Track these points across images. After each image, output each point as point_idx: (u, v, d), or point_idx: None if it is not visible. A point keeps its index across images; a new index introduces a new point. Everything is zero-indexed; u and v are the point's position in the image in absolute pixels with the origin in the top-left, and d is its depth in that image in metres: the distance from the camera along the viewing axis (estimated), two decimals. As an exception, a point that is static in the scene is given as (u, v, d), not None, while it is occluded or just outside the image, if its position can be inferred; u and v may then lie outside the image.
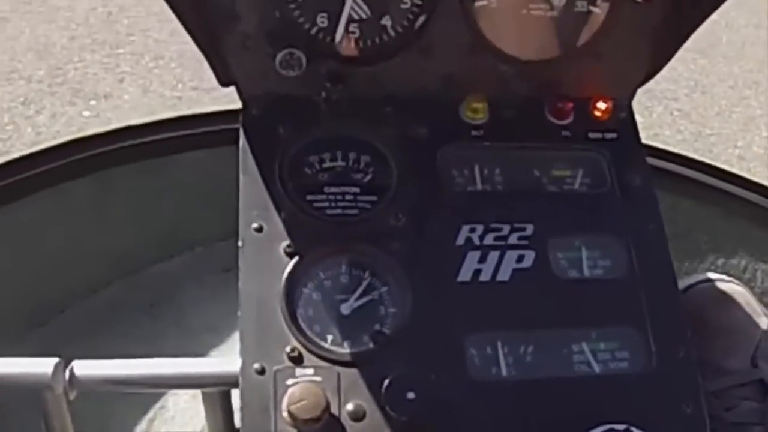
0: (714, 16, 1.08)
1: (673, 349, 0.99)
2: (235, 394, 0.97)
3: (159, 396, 1.41)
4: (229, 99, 1.17)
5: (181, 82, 4.24)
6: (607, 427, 0.93)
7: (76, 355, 0.97)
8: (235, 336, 0.96)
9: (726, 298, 1.25)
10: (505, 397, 0.95)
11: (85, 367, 0.94)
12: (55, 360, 0.93)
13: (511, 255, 1.01)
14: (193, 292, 1.63)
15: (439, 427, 0.92)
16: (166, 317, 1.60)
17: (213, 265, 1.62)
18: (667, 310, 1.02)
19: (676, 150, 1.68)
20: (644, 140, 1.18)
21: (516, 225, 1.03)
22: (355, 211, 1.03)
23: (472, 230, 1.02)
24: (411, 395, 0.89)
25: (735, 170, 1.67)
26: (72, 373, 0.93)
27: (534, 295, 1.00)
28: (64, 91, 4.13)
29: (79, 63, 4.33)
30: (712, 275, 1.29)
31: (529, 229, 1.04)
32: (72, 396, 0.93)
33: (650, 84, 1.17)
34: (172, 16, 0.98)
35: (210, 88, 4.12)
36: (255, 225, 0.99)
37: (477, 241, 1.02)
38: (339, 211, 1.03)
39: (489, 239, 1.02)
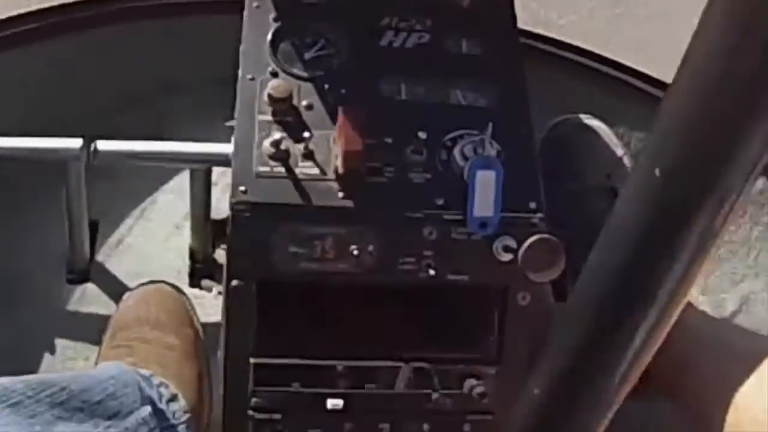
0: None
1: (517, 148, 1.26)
2: (216, 171, 1.39)
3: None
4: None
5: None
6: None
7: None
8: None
9: (587, 128, 1.56)
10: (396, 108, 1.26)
11: (105, 145, 1.34)
12: (81, 139, 1.32)
13: (414, 36, 1.33)
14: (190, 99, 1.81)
15: None
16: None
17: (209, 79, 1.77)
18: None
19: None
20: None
21: (416, 26, 1.34)
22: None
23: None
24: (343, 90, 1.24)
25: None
26: (95, 148, 1.33)
27: (430, 59, 1.31)
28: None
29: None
30: (578, 114, 1.59)
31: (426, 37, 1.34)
32: (95, 161, 1.32)
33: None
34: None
35: None
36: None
37: (393, 26, 1.33)
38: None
39: (402, 36, 1.33)
